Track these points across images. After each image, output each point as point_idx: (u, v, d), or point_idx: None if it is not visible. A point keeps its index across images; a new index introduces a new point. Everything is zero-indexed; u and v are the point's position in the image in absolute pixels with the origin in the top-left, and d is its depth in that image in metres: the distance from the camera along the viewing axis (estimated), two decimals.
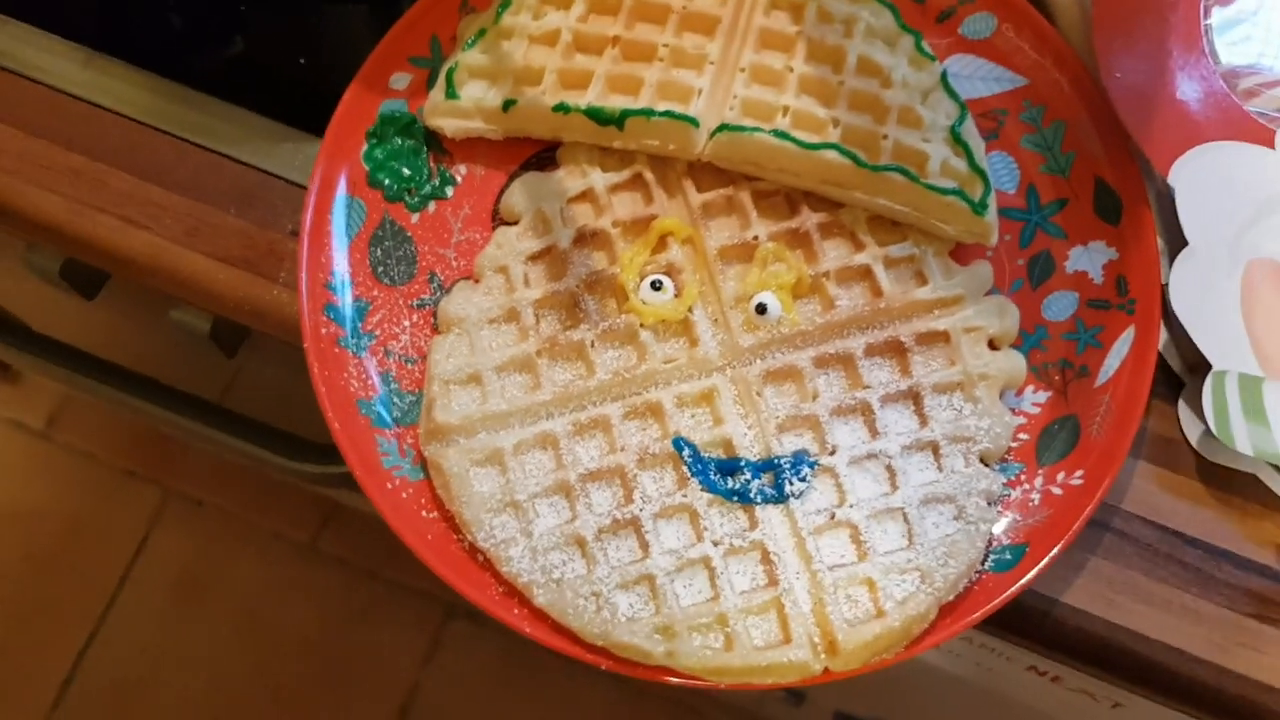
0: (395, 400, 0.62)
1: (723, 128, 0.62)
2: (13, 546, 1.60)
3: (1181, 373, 0.63)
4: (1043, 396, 0.62)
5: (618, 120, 0.63)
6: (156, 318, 0.83)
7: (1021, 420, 0.61)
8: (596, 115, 0.63)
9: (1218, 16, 0.65)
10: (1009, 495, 0.60)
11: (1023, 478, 0.60)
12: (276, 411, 1.05)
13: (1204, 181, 0.62)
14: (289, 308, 0.66)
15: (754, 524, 0.58)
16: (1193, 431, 0.62)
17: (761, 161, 0.63)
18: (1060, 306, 0.63)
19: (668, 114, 0.62)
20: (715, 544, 0.58)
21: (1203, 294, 0.61)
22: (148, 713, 1.51)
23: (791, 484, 0.58)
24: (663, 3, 0.66)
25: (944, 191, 0.61)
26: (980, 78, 0.67)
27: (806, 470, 0.58)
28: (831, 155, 0.61)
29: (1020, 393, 0.62)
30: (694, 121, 0.62)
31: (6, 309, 1.08)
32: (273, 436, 1.03)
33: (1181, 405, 0.62)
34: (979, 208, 0.61)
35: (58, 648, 1.55)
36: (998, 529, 0.59)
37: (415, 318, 0.64)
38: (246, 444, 1.03)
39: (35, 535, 1.60)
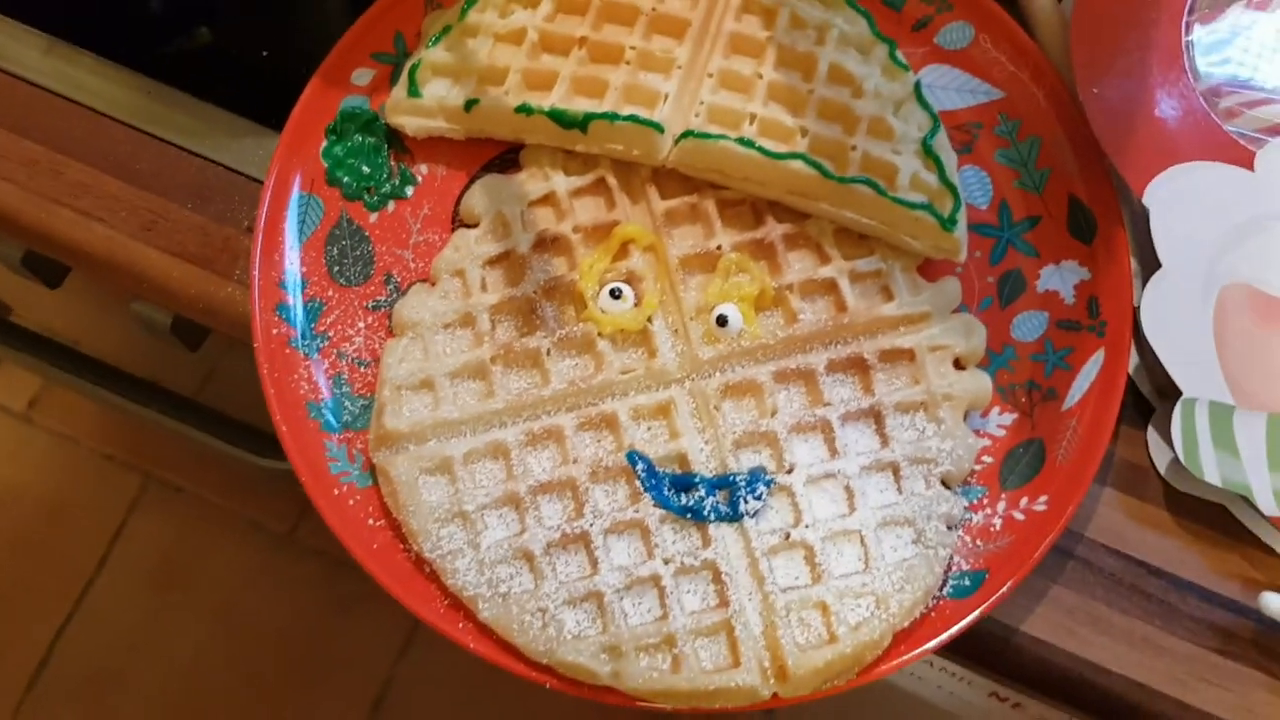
0: (346, 404, 0.61)
1: (687, 134, 0.61)
2: None
3: (1152, 397, 0.62)
4: (1008, 418, 0.61)
5: (581, 123, 0.61)
6: (123, 307, 0.82)
7: (985, 442, 0.60)
8: (560, 118, 0.61)
9: (1199, 33, 0.64)
10: (970, 519, 0.59)
11: (985, 501, 0.59)
12: (255, 404, 1.04)
13: (1180, 202, 0.60)
14: (243, 305, 0.64)
15: (707, 542, 0.57)
16: (1161, 459, 0.60)
17: (726, 170, 0.61)
18: (1029, 326, 0.62)
19: (632, 118, 0.61)
20: (666, 562, 0.56)
21: (1175, 318, 0.59)
22: (123, 698, 1.50)
23: (747, 502, 0.57)
24: (632, 4, 0.64)
25: (912, 206, 0.60)
26: (955, 89, 0.66)
27: (762, 489, 0.57)
28: (798, 165, 0.60)
29: (985, 414, 0.61)
30: (658, 127, 0.61)
31: None
32: (241, 432, 1.02)
33: (1151, 431, 0.61)
34: (948, 223, 0.60)
35: (34, 630, 1.54)
36: (957, 554, 0.58)
37: (370, 320, 0.62)
38: (214, 439, 1.02)
39: (13, 517, 1.59)
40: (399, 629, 1.53)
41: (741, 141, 0.60)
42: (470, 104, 0.63)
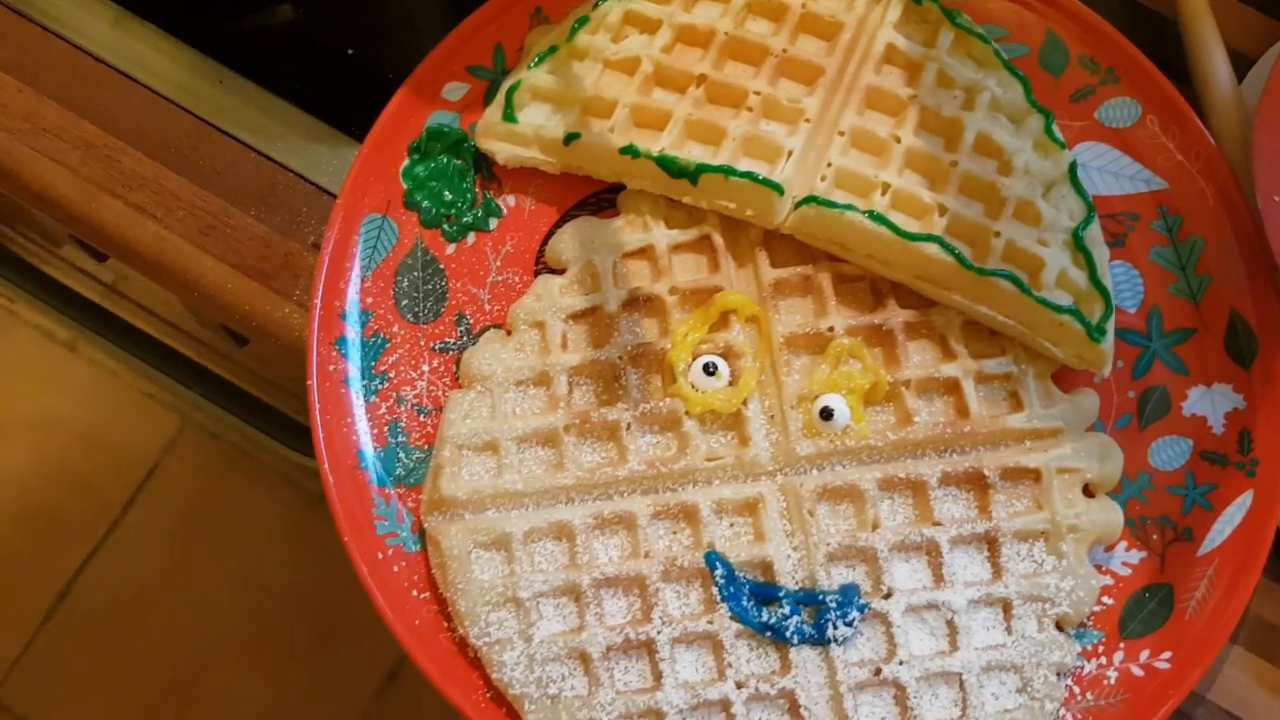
0: (401, 456, 0.55)
1: (810, 199, 0.54)
2: (26, 453, 1.57)
3: None
4: (1136, 556, 0.54)
5: (692, 174, 0.55)
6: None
7: (1108, 580, 0.54)
8: (668, 165, 0.55)
9: None
10: (1081, 667, 0.52)
11: (1100, 649, 0.53)
12: (294, 389, 0.99)
13: None
14: (300, 330, 0.58)
15: (786, 668, 0.51)
16: None
17: (850, 244, 0.54)
18: (1170, 454, 0.55)
19: (749, 176, 0.54)
20: (739, 686, 0.50)
21: None
22: (136, 637, 1.48)
23: (835, 626, 0.51)
24: (761, 42, 0.57)
25: (1058, 309, 0.53)
26: (1112, 173, 0.58)
27: (855, 614, 0.51)
28: (932, 249, 0.53)
29: (1110, 548, 0.54)
30: (778, 188, 0.54)
31: (23, 239, 1.02)
32: (276, 421, 0.97)
33: None
34: (1095, 332, 0.53)
35: (57, 561, 1.52)
36: (1064, 706, 0.52)
37: (436, 363, 0.57)
38: (243, 423, 0.97)
39: (49, 445, 1.57)
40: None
41: (871, 215, 0.53)
42: (570, 138, 0.56)
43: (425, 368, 0.57)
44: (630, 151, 0.55)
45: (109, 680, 1.45)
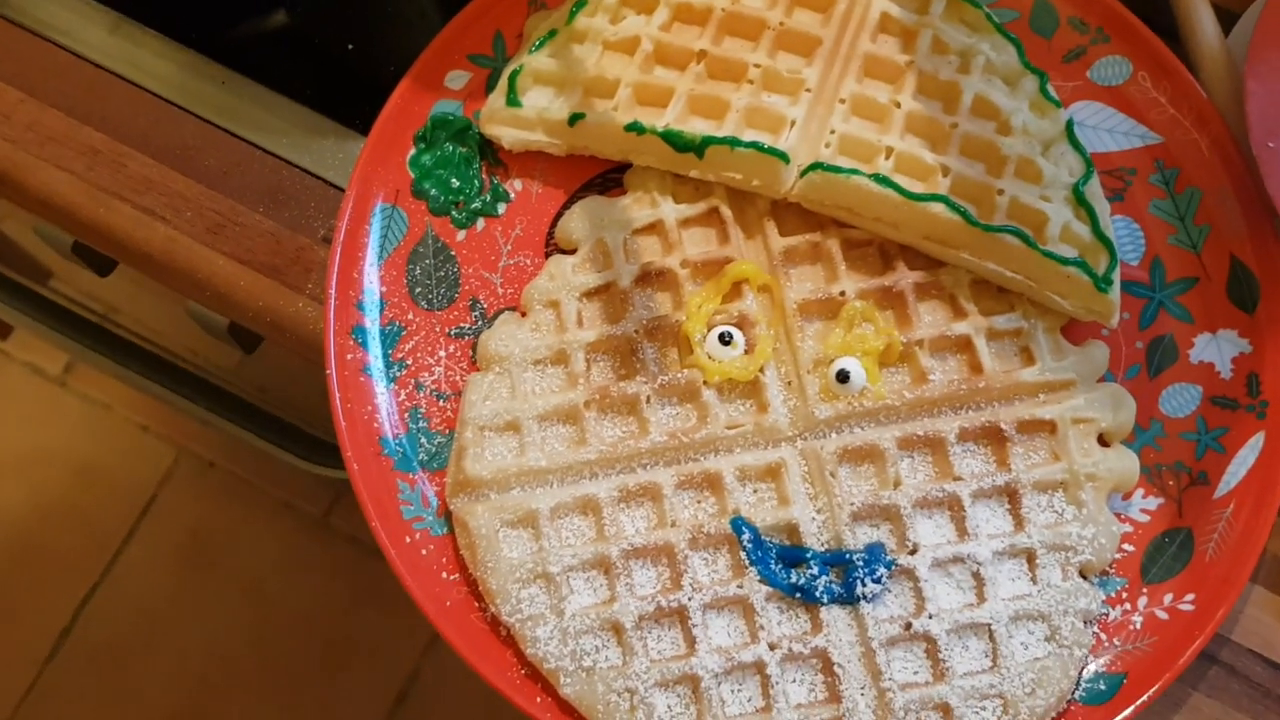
0: (423, 441, 0.55)
1: (816, 166, 0.55)
2: (22, 491, 1.56)
3: None
4: (1153, 503, 0.55)
5: (698, 147, 0.55)
6: (176, 300, 0.77)
7: (1127, 528, 0.54)
8: (674, 140, 0.56)
9: None
10: (1106, 614, 0.53)
11: (1124, 595, 0.53)
12: (301, 400, 0.99)
13: None
14: (314, 324, 0.59)
15: (817, 627, 0.51)
16: None
17: (857, 208, 0.55)
18: (1180, 401, 0.56)
19: (755, 146, 0.55)
20: (771, 647, 0.51)
21: None
22: (141, 671, 1.47)
23: (864, 584, 0.51)
24: (757, 16, 0.58)
25: (1064, 261, 0.54)
26: (1108, 130, 0.59)
27: (882, 571, 0.51)
28: (939, 209, 0.54)
29: (1128, 496, 0.55)
30: (784, 157, 0.55)
31: (12, 272, 1.01)
32: (283, 431, 0.97)
33: None
34: (1102, 283, 0.54)
35: (59, 598, 1.51)
36: (1091, 652, 0.52)
37: (452, 348, 0.57)
38: (252, 436, 0.97)
39: (44, 482, 1.56)
40: (428, 623, 1.49)
41: (876, 178, 0.54)
42: (575, 118, 0.57)
43: (442, 353, 0.57)
44: (635, 128, 0.56)
45: (116, 715, 1.44)
